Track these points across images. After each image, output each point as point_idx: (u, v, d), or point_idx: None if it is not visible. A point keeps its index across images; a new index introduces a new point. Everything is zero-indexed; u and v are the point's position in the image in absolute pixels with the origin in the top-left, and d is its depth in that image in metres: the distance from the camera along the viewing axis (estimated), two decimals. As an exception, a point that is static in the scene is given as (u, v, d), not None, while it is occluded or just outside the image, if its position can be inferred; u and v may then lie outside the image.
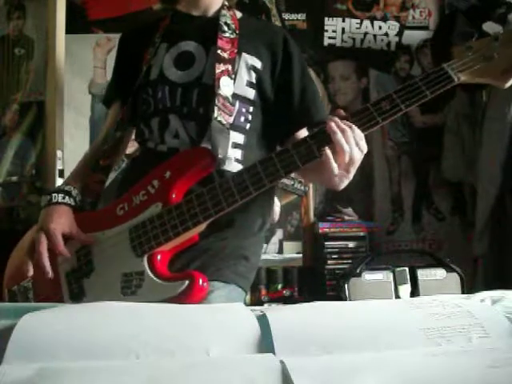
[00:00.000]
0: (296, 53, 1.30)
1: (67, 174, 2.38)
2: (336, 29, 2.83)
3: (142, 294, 1.01)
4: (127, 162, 1.43)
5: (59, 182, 2.33)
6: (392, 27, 2.84)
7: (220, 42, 1.22)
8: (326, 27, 2.82)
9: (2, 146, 2.58)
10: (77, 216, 1.16)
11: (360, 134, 1.01)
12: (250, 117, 1.24)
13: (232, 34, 1.25)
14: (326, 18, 2.83)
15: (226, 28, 1.25)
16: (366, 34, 2.83)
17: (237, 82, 1.22)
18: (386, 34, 2.83)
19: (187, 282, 0.99)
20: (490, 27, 2.10)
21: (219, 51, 1.21)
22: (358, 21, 2.83)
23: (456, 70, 1.01)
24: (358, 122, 1.01)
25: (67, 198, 1.16)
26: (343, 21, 2.83)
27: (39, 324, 0.68)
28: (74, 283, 1.10)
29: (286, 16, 2.81)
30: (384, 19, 2.84)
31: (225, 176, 1.14)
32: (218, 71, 1.19)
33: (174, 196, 1.07)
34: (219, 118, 1.16)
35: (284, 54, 1.28)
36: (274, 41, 1.28)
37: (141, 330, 0.67)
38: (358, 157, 1.01)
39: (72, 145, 2.58)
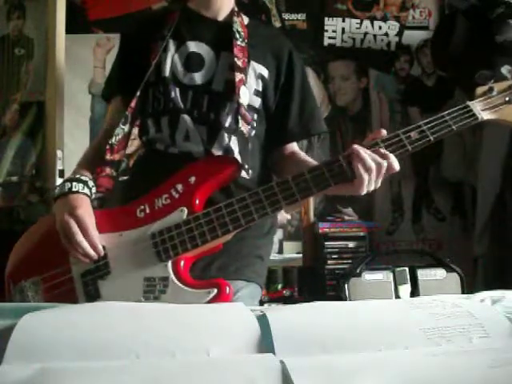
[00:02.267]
0: (299, 66, 1.32)
1: (67, 174, 2.39)
2: (336, 29, 2.83)
3: (165, 300, 1.00)
4: (127, 163, 1.42)
5: (59, 182, 2.33)
6: (392, 27, 2.84)
7: (235, 51, 1.23)
8: (326, 27, 2.83)
9: (1, 146, 2.59)
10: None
11: (391, 162, 1.02)
12: (254, 124, 1.26)
13: (242, 42, 1.26)
14: (326, 18, 2.83)
15: (237, 36, 1.26)
16: (366, 33, 2.83)
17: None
18: (386, 34, 2.83)
19: (215, 291, 0.99)
20: (507, 70, 2.13)
21: (236, 59, 1.22)
22: (358, 21, 2.83)
23: (480, 109, 1.06)
24: (388, 148, 1.03)
25: (86, 188, 1.12)
26: (343, 21, 2.83)
27: (39, 324, 0.68)
28: (89, 284, 1.06)
29: (286, 16, 2.81)
30: (384, 19, 2.84)
31: (237, 182, 1.16)
32: (237, 80, 1.20)
33: (197, 202, 1.06)
34: (242, 128, 1.19)
35: (288, 66, 1.30)
36: (280, 52, 1.30)
37: (141, 330, 0.67)
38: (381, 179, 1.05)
39: (72, 145, 2.58)
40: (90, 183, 1.14)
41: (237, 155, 1.19)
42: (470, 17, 2.44)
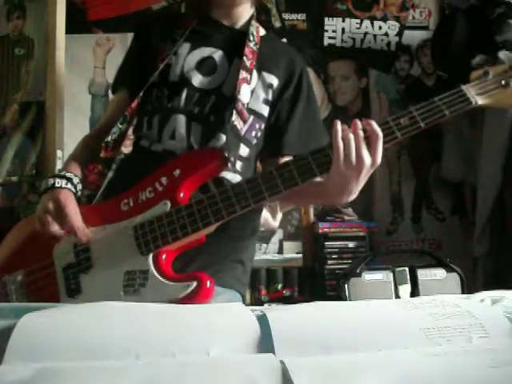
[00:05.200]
0: (307, 85, 1.31)
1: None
2: (336, 29, 2.83)
3: (145, 294, 0.98)
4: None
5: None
6: (392, 27, 2.84)
7: (246, 50, 1.23)
8: (326, 27, 2.82)
9: (2, 146, 2.58)
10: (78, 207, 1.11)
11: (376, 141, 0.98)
12: (259, 134, 1.26)
13: (255, 46, 1.26)
14: (326, 18, 2.82)
15: (251, 38, 1.26)
16: (366, 33, 2.83)
17: (253, 98, 1.23)
18: (386, 34, 2.83)
19: (195, 284, 0.96)
20: (504, 55, 2.13)
21: (244, 58, 1.22)
22: (358, 21, 2.83)
23: (474, 93, 1.02)
24: None
25: (69, 184, 1.12)
26: (343, 21, 2.83)
27: (39, 324, 0.68)
28: (71, 278, 1.06)
29: (286, 16, 2.81)
30: (384, 19, 2.84)
31: (223, 184, 1.15)
32: (240, 77, 1.20)
33: (181, 195, 1.04)
34: (235, 123, 1.18)
35: (298, 82, 1.29)
36: (293, 66, 1.30)
37: (141, 331, 0.67)
38: (364, 161, 0.98)
39: (72, 145, 2.55)
40: (75, 180, 1.14)
41: (228, 147, 1.15)
42: (469, 17, 2.43)
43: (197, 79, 1.23)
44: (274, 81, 1.27)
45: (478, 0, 2.42)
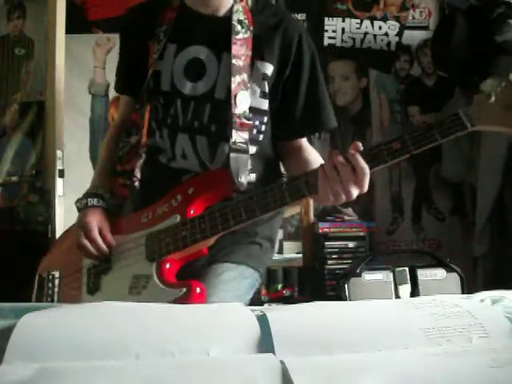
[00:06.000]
0: (308, 56, 1.25)
1: (67, 173, 2.39)
2: (336, 29, 2.83)
3: (145, 295, 1.10)
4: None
5: (59, 181, 2.33)
6: (392, 27, 2.84)
7: (234, 48, 1.16)
8: (326, 27, 2.82)
9: (2, 146, 2.59)
10: (109, 219, 1.24)
11: (361, 172, 0.97)
12: (263, 128, 1.23)
13: (246, 32, 1.18)
14: (326, 18, 2.83)
15: (239, 27, 1.18)
16: (365, 33, 2.83)
17: (250, 94, 1.19)
18: (386, 34, 2.83)
19: (184, 290, 1.06)
20: None
21: (234, 60, 1.16)
22: (358, 21, 2.83)
23: (471, 117, 0.98)
24: (364, 159, 0.99)
25: (101, 201, 1.24)
26: (343, 21, 2.83)
27: (39, 324, 0.68)
28: (92, 278, 1.20)
29: (286, 16, 2.81)
30: (384, 19, 2.84)
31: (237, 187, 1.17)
32: (233, 85, 1.15)
33: (192, 211, 1.14)
34: (238, 140, 1.17)
35: (295, 57, 1.23)
36: (288, 41, 1.22)
37: (141, 330, 0.67)
38: (352, 194, 0.99)
39: (72, 145, 2.58)
40: (106, 196, 1.26)
41: (234, 168, 1.16)
42: (469, 17, 2.44)
43: (188, 87, 1.20)
44: (269, 69, 1.20)
45: (478, 0, 2.42)
